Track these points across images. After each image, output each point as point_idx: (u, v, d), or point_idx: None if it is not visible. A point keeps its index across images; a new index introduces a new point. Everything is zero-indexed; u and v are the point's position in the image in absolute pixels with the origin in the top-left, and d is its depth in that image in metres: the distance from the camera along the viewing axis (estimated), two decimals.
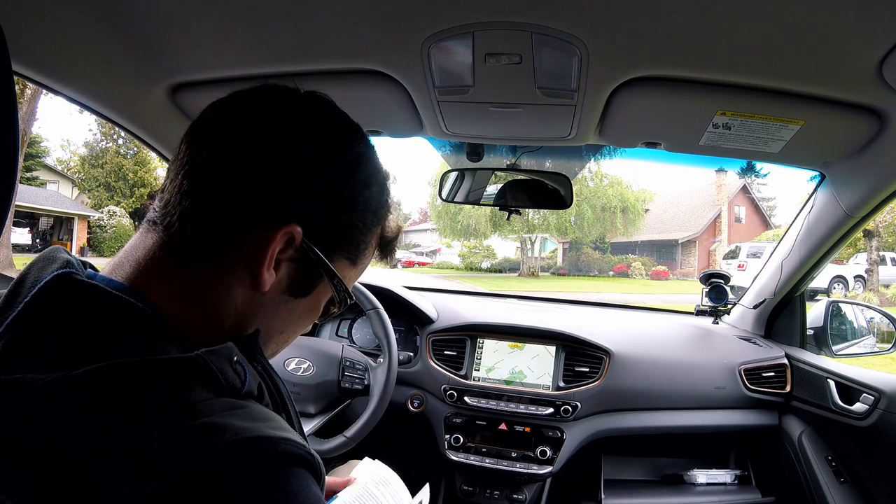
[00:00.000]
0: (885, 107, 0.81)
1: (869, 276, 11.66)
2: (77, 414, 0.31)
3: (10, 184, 0.37)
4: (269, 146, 0.42)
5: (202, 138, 0.43)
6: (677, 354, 1.49)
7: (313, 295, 0.46)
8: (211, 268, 0.41)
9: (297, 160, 0.42)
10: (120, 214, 17.65)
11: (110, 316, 0.37)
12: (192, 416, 0.32)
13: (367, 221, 0.47)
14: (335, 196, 0.44)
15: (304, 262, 0.43)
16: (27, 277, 0.39)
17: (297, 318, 0.48)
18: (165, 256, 0.41)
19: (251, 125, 0.43)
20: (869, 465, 1.20)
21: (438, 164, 14.12)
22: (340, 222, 0.45)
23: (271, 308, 0.44)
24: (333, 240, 0.45)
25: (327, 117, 0.46)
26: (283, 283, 0.43)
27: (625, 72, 0.79)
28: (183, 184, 0.41)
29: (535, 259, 19.60)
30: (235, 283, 0.41)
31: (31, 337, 0.35)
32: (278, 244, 0.41)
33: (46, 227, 17.25)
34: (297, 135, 0.43)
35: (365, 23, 0.72)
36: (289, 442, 0.34)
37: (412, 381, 1.46)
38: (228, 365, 0.37)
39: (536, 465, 1.34)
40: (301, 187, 0.42)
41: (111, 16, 0.73)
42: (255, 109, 0.44)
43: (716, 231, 19.34)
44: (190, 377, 0.35)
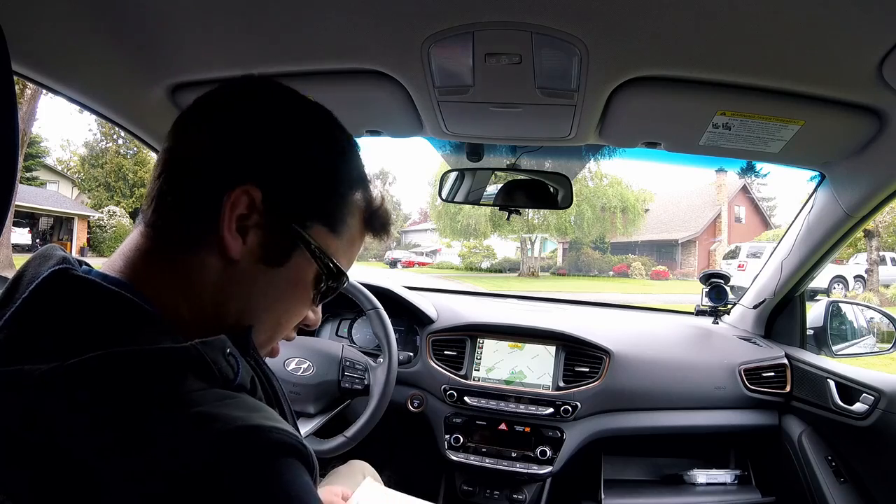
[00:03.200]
0: (885, 107, 0.81)
1: (869, 276, 11.66)
2: (72, 404, 0.31)
3: (10, 184, 0.37)
4: (220, 117, 0.44)
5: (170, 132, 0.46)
6: (677, 354, 1.49)
7: (292, 265, 0.45)
8: (185, 247, 0.42)
9: (249, 124, 0.43)
10: (120, 214, 17.64)
11: (105, 309, 0.37)
12: (185, 406, 0.33)
13: (336, 185, 0.47)
14: (293, 157, 0.44)
15: (273, 229, 0.43)
16: (25, 274, 0.39)
17: (281, 294, 0.46)
18: (149, 246, 0.42)
19: (205, 104, 0.45)
20: (869, 465, 1.20)
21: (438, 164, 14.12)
22: (305, 185, 0.44)
23: (247, 280, 0.43)
24: (302, 204, 0.44)
25: (279, 90, 0.47)
26: (255, 251, 0.43)
27: (625, 72, 0.80)
28: (155, 174, 0.44)
29: (535, 259, 19.60)
30: (208, 257, 0.42)
31: (29, 331, 0.36)
32: (237, 207, 0.41)
33: (46, 227, 17.25)
34: (252, 105, 0.45)
35: (365, 23, 0.72)
36: (280, 431, 0.34)
37: (412, 381, 1.46)
38: (221, 356, 0.38)
39: (536, 465, 1.34)
40: (254, 149, 0.43)
41: (111, 16, 0.73)
42: (210, 95, 0.46)
43: (716, 231, 19.34)
44: (183, 367, 0.35)
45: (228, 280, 0.43)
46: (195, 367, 0.36)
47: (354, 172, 0.49)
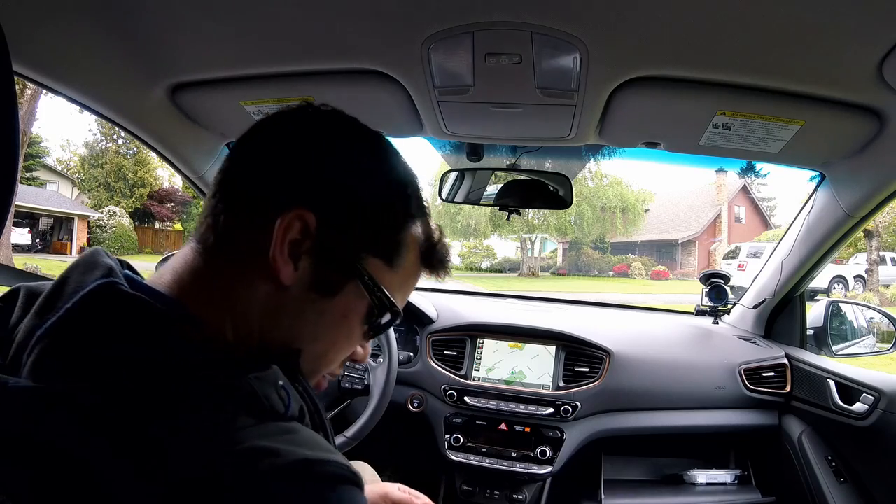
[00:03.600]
0: (885, 107, 0.81)
1: (869, 276, 11.66)
2: (127, 433, 0.31)
3: (11, 184, 0.37)
4: (278, 141, 0.43)
5: (228, 155, 0.46)
6: (677, 354, 1.49)
7: (342, 296, 0.43)
8: (236, 268, 0.41)
9: (307, 149, 0.43)
10: (120, 214, 17.64)
11: (152, 333, 0.36)
12: (236, 444, 0.32)
13: (394, 217, 0.45)
14: (351, 184, 0.43)
15: (326, 257, 0.42)
16: (68, 282, 0.38)
17: (330, 325, 0.44)
18: (200, 264, 0.42)
19: (264, 128, 0.45)
20: (869, 465, 1.20)
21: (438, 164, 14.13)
22: (362, 214, 0.43)
23: (296, 307, 0.42)
24: (358, 234, 0.43)
25: (340, 118, 0.46)
26: (306, 278, 0.41)
27: (625, 72, 0.80)
28: (210, 193, 0.44)
29: (535, 259, 19.61)
30: (258, 280, 0.41)
31: (69, 347, 0.35)
32: (289, 230, 0.40)
33: (46, 227, 17.25)
34: (310, 130, 0.44)
35: (365, 23, 0.72)
36: (333, 464, 0.34)
37: (412, 381, 1.46)
38: (274, 390, 0.37)
39: (536, 465, 1.34)
40: (311, 174, 0.42)
41: (111, 16, 0.73)
42: (268, 120, 0.45)
43: (716, 231, 19.34)
44: (235, 404, 0.34)
45: (277, 305, 0.42)
46: (248, 403, 0.35)
47: (414, 205, 0.47)
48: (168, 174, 20.31)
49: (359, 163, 0.44)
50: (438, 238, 0.50)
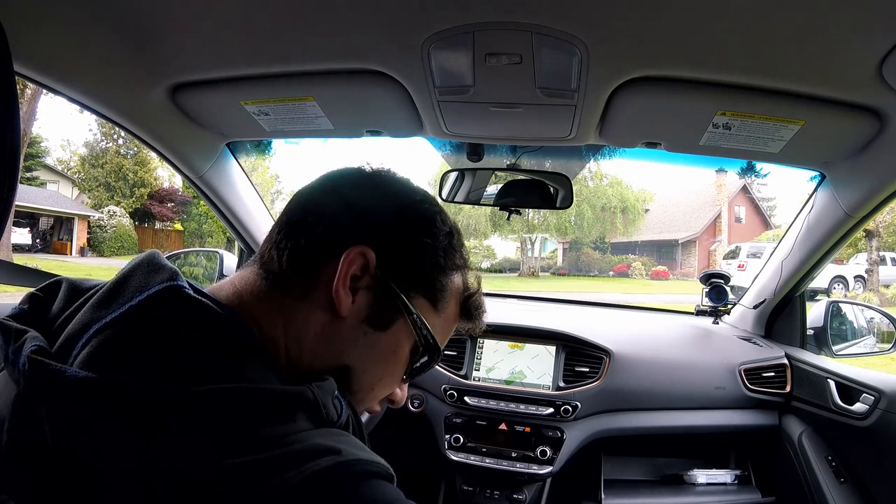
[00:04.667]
0: (885, 107, 0.81)
1: (869, 276, 11.66)
2: (192, 431, 0.33)
3: (11, 184, 0.37)
4: (345, 189, 0.49)
5: (295, 196, 0.50)
6: (677, 354, 1.49)
7: (393, 331, 0.47)
8: (297, 295, 0.45)
9: (371, 198, 0.48)
10: (120, 214, 17.66)
11: (215, 335, 0.39)
12: (290, 445, 0.34)
13: (441, 261, 0.49)
14: (408, 230, 0.48)
15: (381, 293, 0.46)
16: (130, 280, 0.40)
17: (379, 357, 0.48)
18: (261, 286, 0.45)
19: (332, 179, 0.51)
20: (869, 465, 1.20)
21: (438, 164, 14.12)
22: (414, 256, 0.48)
23: (350, 337, 0.45)
24: (409, 274, 0.47)
25: (400, 178, 0.52)
26: (362, 312, 0.45)
27: (625, 72, 0.79)
28: (277, 227, 0.48)
29: (535, 259, 19.61)
30: (317, 309, 0.44)
31: (132, 341, 0.36)
32: (352, 265, 0.44)
33: (46, 227, 17.25)
34: (375, 183, 0.50)
35: (365, 23, 0.72)
36: (377, 465, 0.36)
37: (412, 381, 1.46)
38: (330, 399, 0.40)
39: (536, 465, 1.33)
40: (373, 218, 0.47)
41: (111, 16, 0.73)
42: (337, 172, 0.51)
43: (716, 231, 19.34)
44: (296, 408, 0.37)
45: (333, 334, 0.45)
46: (307, 409, 0.38)
47: (458, 257, 0.52)
48: (168, 174, 20.35)
49: (415, 213, 0.49)
50: (476, 289, 0.55)
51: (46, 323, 0.41)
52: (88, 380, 0.34)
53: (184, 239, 20.09)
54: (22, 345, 0.37)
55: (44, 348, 0.37)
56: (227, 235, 12.65)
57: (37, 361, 0.35)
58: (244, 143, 1.30)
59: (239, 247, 1.58)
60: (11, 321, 0.40)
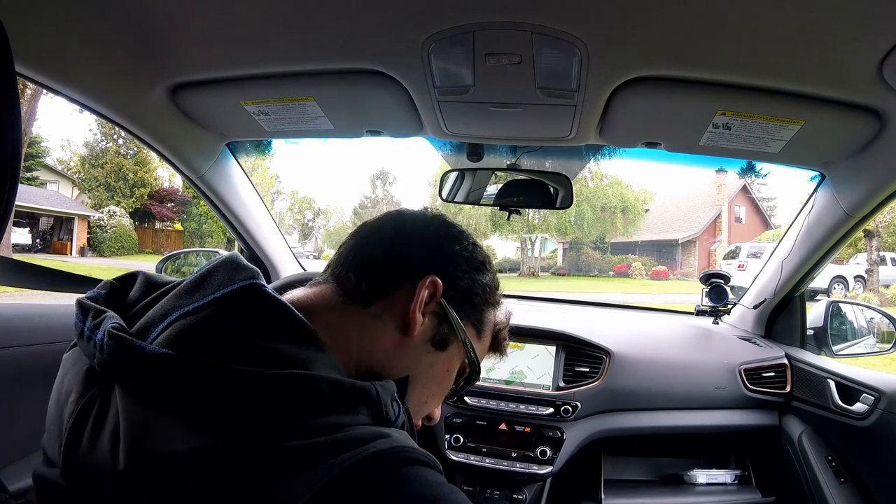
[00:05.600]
0: (885, 107, 0.81)
1: (869, 276, 11.66)
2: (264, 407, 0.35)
3: (12, 184, 0.37)
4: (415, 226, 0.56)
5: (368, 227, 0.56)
6: (677, 354, 1.49)
7: (448, 352, 0.53)
8: (374, 311, 0.49)
9: (440, 237, 0.55)
10: (120, 214, 17.65)
11: (290, 333, 0.42)
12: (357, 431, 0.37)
13: (486, 296, 0.56)
14: (466, 266, 0.54)
15: (442, 318, 0.52)
16: (214, 275, 0.43)
17: (436, 373, 0.53)
18: (338, 300, 0.50)
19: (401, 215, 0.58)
20: (869, 465, 1.20)
21: (438, 164, 14.12)
22: (470, 290, 0.54)
23: (415, 355, 0.51)
24: (465, 305, 0.54)
25: (448, 218, 0.59)
26: (427, 333, 0.51)
27: (625, 72, 0.80)
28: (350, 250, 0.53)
29: (535, 259, 19.61)
30: (390, 326, 0.49)
31: (213, 330, 0.39)
32: (425, 291, 0.49)
33: (46, 227, 17.25)
34: (433, 222, 0.57)
35: (365, 23, 0.72)
36: (424, 454, 0.39)
37: None
38: (390, 399, 0.43)
39: (536, 465, 1.33)
40: (441, 253, 0.54)
41: (111, 16, 0.73)
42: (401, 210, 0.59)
43: (716, 231, 19.34)
44: (360, 402, 0.40)
45: (402, 350, 0.50)
46: (369, 404, 0.41)
47: (497, 296, 0.59)
48: (168, 174, 20.32)
49: (472, 253, 0.56)
50: (505, 325, 0.62)
51: (123, 309, 0.44)
52: (167, 357, 0.36)
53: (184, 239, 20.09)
54: (101, 322, 0.39)
55: (123, 327, 0.40)
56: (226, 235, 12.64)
57: (118, 336, 0.37)
58: (244, 143, 1.30)
59: (239, 247, 1.58)
60: (90, 301, 0.43)
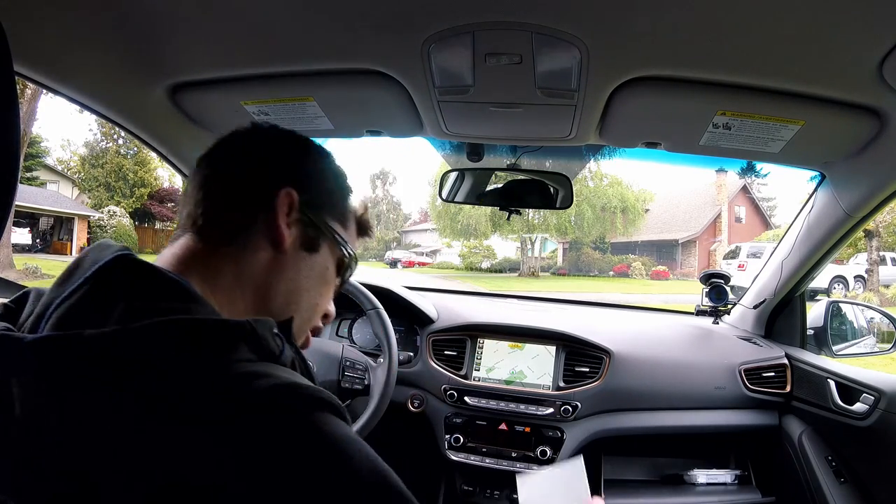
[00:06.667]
0: (885, 107, 0.81)
1: (869, 276, 11.66)
2: (130, 363, 0.35)
3: (11, 184, 0.37)
4: (258, 142, 0.55)
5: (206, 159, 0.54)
6: (677, 354, 1.49)
7: (322, 252, 0.54)
8: (240, 242, 0.49)
9: (283, 146, 0.55)
10: (120, 214, 17.63)
11: (164, 290, 0.42)
12: (236, 365, 0.37)
13: (345, 192, 0.59)
14: (315, 166, 0.56)
15: (307, 223, 0.53)
16: (85, 259, 0.43)
17: (317, 276, 0.55)
18: (201, 246, 0.49)
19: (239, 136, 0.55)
20: (869, 465, 1.20)
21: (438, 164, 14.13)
22: (326, 190, 0.56)
23: (293, 265, 0.52)
24: (325, 205, 0.55)
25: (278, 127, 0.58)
26: (297, 242, 0.52)
27: (625, 72, 0.80)
28: (202, 190, 0.51)
29: (535, 259, 19.60)
30: (261, 251, 0.50)
31: (93, 305, 0.39)
32: (284, 205, 0.50)
33: (46, 227, 17.24)
34: (280, 135, 0.57)
35: (365, 23, 0.72)
36: (319, 390, 0.39)
37: (412, 381, 1.46)
38: (269, 334, 0.43)
39: (537, 465, 1.33)
40: (289, 162, 0.54)
41: (111, 16, 0.73)
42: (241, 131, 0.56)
43: (716, 231, 19.33)
44: (237, 338, 0.40)
45: (279, 265, 0.51)
46: (247, 340, 0.40)
47: (348, 183, 0.60)
48: (168, 174, 20.30)
49: (318, 158, 0.57)
50: (366, 210, 0.63)
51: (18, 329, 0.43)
52: (43, 338, 0.35)
53: None
54: None
55: (8, 326, 0.40)
56: None
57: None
58: None
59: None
60: None
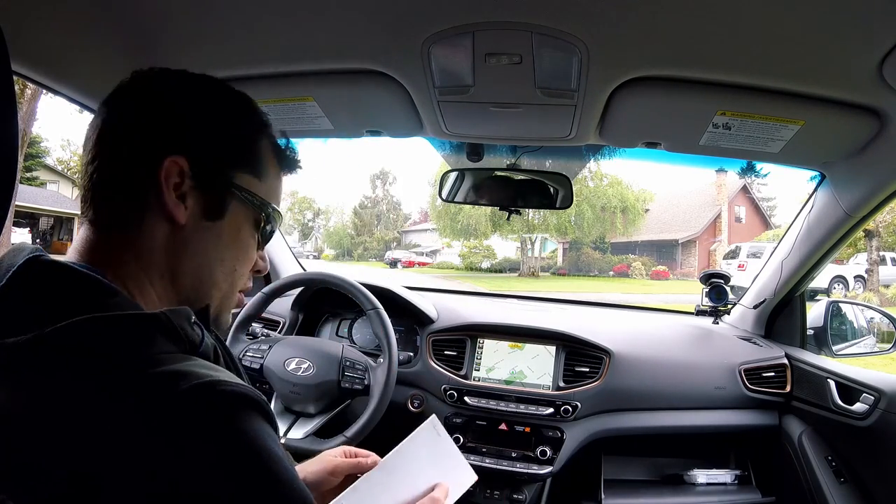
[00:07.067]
0: (885, 107, 0.81)
1: (869, 276, 11.65)
2: (51, 368, 0.34)
3: (11, 184, 0.37)
4: (135, 103, 0.48)
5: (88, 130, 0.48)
6: (677, 354, 1.49)
7: (231, 215, 0.49)
8: (132, 226, 0.45)
9: (161, 102, 0.47)
10: None
11: (76, 286, 0.40)
12: (155, 365, 0.36)
13: (245, 136, 0.51)
14: (204, 122, 0.48)
15: (206, 188, 0.47)
16: (1, 265, 0.42)
17: (230, 242, 0.50)
18: (98, 236, 0.46)
19: (119, 94, 0.49)
20: (869, 465, 1.20)
21: (438, 164, 14.14)
22: (221, 143, 0.49)
23: (196, 238, 0.47)
24: (223, 161, 0.49)
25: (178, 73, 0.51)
26: (196, 211, 0.47)
27: (625, 72, 0.80)
28: (87, 174, 0.46)
29: (535, 259, 19.59)
30: (154, 228, 0.46)
31: (8, 312, 0.38)
32: (170, 177, 0.45)
33: (46, 227, 17.24)
34: (160, 86, 0.49)
35: (365, 23, 0.73)
36: (241, 386, 0.38)
37: (412, 381, 1.46)
38: (187, 324, 0.41)
39: (536, 465, 1.33)
40: (170, 122, 0.47)
41: (111, 15, 0.73)
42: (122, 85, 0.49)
43: (716, 231, 19.33)
44: (153, 331, 0.38)
45: (180, 242, 0.47)
46: (164, 332, 0.39)
47: (256, 121, 0.53)
48: None
49: (205, 101, 0.49)
50: (286, 143, 0.56)
51: None
52: None
53: None
54: None
55: None
56: None
57: None
58: None
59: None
60: None
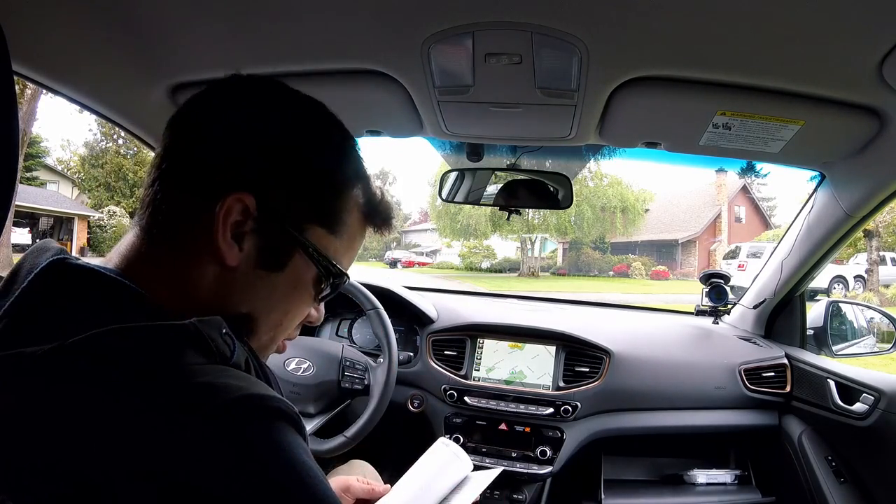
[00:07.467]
0: (885, 107, 0.81)
1: (869, 276, 11.65)
2: (74, 380, 0.32)
3: (10, 184, 0.37)
4: (209, 123, 0.43)
5: (163, 139, 0.45)
6: (677, 354, 1.49)
7: (290, 269, 0.44)
8: (182, 253, 0.42)
9: (238, 128, 0.43)
10: (120, 214, 17.62)
11: (104, 295, 0.38)
12: (187, 377, 0.34)
13: (331, 185, 0.46)
14: (285, 158, 0.43)
15: (269, 234, 0.43)
16: (23, 266, 0.40)
17: (282, 297, 0.46)
18: (146, 249, 0.42)
19: (194, 110, 0.45)
20: (869, 465, 1.20)
21: (438, 164, 14.15)
22: (299, 187, 0.44)
23: (246, 285, 0.43)
24: (297, 207, 0.44)
25: (270, 88, 0.46)
26: (253, 256, 0.43)
27: (625, 72, 0.80)
28: (149, 180, 0.43)
29: (535, 259, 19.59)
30: (206, 262, 0.42)
31: (29, 317, 0.36)
32: (231, 214, 0.41)
33: (46, 227, 17.23)
34: (240, 107, 0.44)
35: (365, 23, 0.72)
36: (277, 399, 0.36)
37: (412, 381, 1.46)
38: (218, 335, 0.38)
39: (536, 465, 1.33)
40: (245, 153, 0.42)
41: (111, 16, 0.73)
42: (197, 99, 0.45)
43: (716, 231, 19.32)
44: (183, 342, 0.35)
45: (227, 285, 0.43)
46: (194, 343, 0.36)
47: (351, 170, 0.48)
48: None
49: (291, 134, 0.44)
50: (381, 197, 0.51)
51: None
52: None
53: None
54: None
55: None
56: None
57: None
58: None
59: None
60: None
